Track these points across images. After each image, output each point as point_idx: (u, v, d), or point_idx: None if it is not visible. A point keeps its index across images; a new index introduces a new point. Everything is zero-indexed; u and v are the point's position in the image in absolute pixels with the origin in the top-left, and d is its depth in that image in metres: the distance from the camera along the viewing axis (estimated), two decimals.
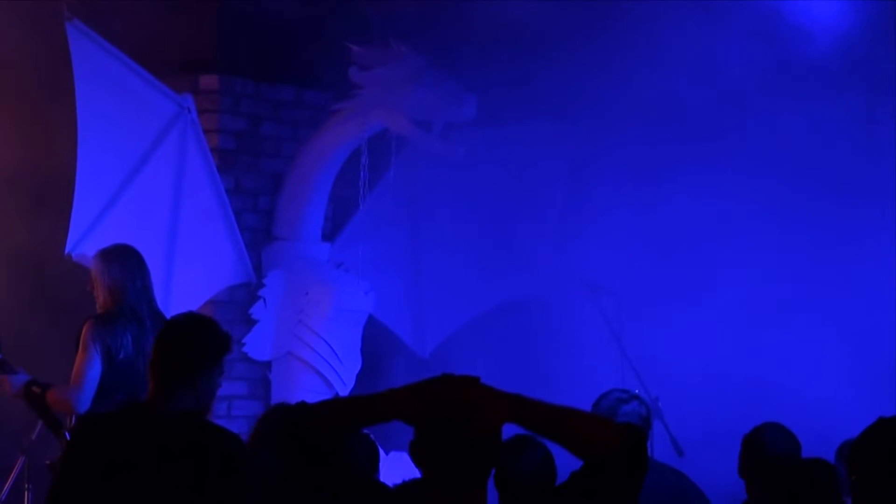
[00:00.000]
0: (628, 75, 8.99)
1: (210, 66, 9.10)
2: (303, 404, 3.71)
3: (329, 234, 9.60)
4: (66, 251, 7.97)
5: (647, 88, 9.05)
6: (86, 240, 8.03)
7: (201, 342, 5.24)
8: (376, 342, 9.63)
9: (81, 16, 7.97)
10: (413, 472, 3.75)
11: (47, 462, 7.35)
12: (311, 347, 8.99)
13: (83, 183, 7.98)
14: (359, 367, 9.19)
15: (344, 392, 9.09)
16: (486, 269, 9.75)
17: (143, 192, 8.43)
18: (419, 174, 9.77)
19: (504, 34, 8.87)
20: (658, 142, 9.39)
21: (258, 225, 9.37)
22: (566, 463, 5.90)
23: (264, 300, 9.12)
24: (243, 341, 9.05)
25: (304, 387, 9.03)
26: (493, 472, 5.43)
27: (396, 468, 6.43)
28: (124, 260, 7.45)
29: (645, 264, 9.36)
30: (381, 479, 6.25)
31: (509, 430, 5.86)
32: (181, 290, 8.53)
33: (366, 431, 5.91)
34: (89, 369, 7.18)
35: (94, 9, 8.17)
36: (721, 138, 9.31)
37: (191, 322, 5.36)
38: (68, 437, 7.17)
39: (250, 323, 9.12)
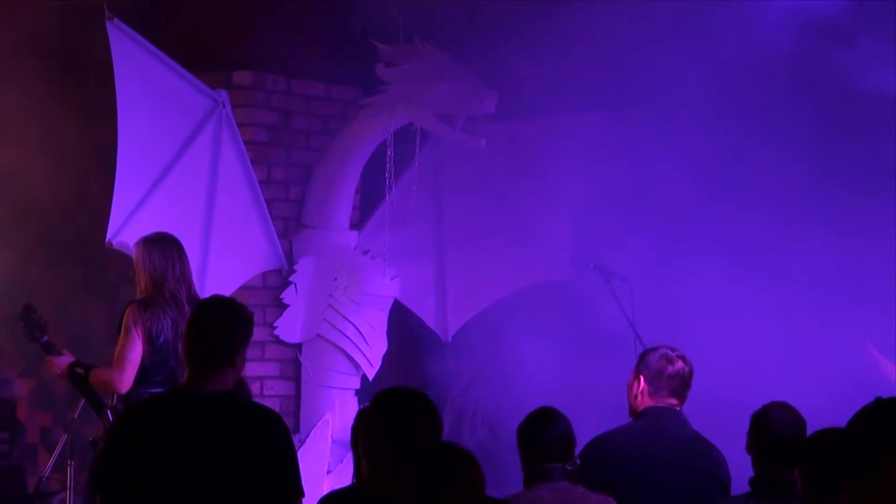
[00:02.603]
0: (645, 66, 8.96)
1: (243, 63, 9.11)
2: None
3: (357, 223, 9.61)
4: (107, 239, 7.98)
5: (662, 79, 9.02)
6: (125, 228, 8.05)
7: (242, 324, 5.26)
8: (401, 326, 9.65)
9: (121, 16, 7.98)
10: None
11: (90, 439, 7.38)
12: (339, 330, 9.01)
13: (123, 174, 8.00)
14: (385, 349, 9.20)
15: (371, 373, 9.10)
16: (507, 257, 9.74)
17: (180, 183, 8.45)
18: (442, 165, 9.77)
19: (523, 30, 8.85)
20: (672, 134, 9.36)
21: (289, 214, 9.38)
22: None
23: (295, 285, 9.13)
24: (275, 325, 9.07)
25: (332, 368, 9.05)
26: (518, 441, 5.58)
27: None
28: (165, 247, 7.47)
29: (658, 251, 9.34)
30: None
31: (535, 403, 5.92)
32: (216, 276, 8.55)
33: None
34: (130, 351, 7.21)
35: (133, 10, 8.18)
36: (737, 138, 9.28)
37: (228, 305, 5.37)
38: (111, 417, 7.21)
39: (282, 307, 9.14)
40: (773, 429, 5.52)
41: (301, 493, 5.22)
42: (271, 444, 5.16)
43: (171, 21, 9.01)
